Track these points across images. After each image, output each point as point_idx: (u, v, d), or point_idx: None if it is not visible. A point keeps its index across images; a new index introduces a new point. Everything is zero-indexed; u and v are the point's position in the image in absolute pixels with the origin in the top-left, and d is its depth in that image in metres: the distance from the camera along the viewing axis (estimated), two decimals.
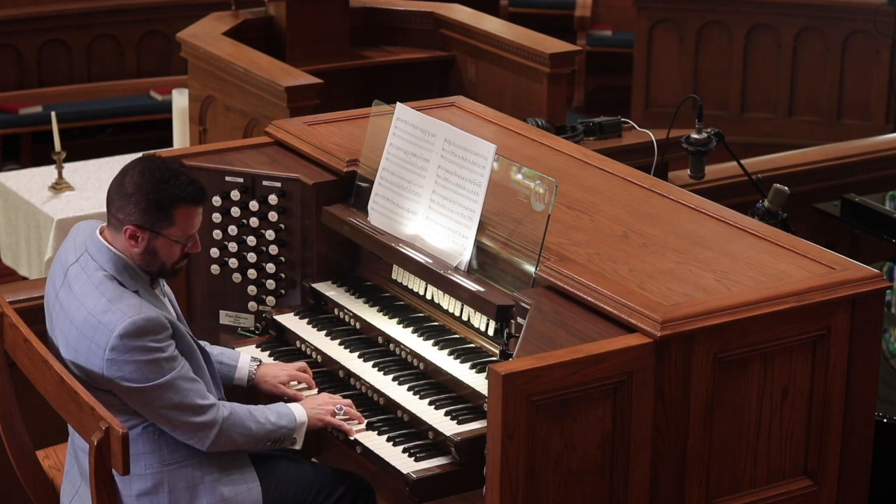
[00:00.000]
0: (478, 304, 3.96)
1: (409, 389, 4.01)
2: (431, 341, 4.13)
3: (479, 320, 4.08)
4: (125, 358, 3.65)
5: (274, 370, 4.17)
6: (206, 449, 3.78)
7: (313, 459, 4.27)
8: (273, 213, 4.55)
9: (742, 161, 5.37)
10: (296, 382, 4.16)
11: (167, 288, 3.98)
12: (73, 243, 3.85)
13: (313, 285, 4.51)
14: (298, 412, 3.93)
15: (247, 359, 4.18)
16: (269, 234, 4.56)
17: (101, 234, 3.81)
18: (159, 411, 3.71)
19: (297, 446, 3.94)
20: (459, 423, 3.84)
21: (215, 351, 4.13)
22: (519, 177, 3.99)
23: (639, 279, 3.74)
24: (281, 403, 3.97)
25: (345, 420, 3.96)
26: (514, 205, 3.99)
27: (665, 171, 5.68)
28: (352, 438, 3.93)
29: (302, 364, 4.20)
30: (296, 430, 3.91)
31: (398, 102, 4.40)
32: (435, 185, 4.18)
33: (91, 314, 3.68)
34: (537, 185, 3.92)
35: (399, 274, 4.37)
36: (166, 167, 3.76)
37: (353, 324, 4.36)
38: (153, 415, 3.73)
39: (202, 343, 3.97)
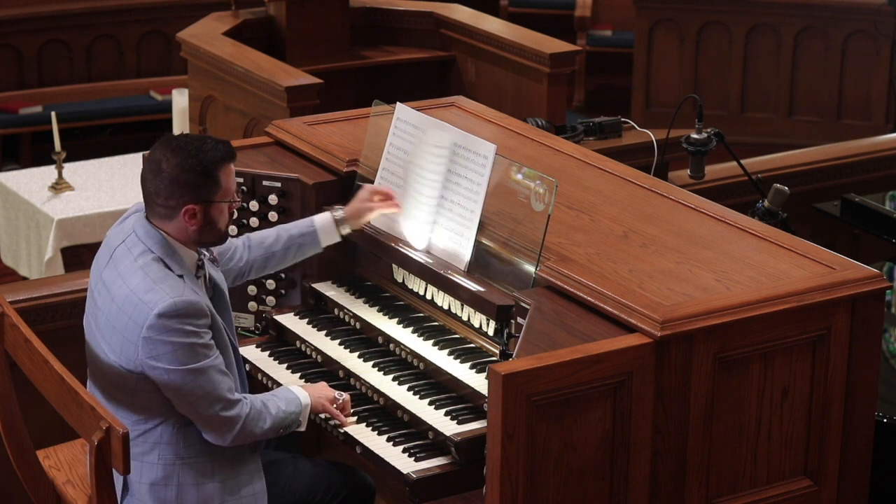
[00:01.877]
0: (478, 304, 3.96)
1: (409, 389, 4.01)
2: (431, 341, 4.13)
3: (479, 320, 4.08)
4: (162, 338, 3.66)
5: (357, 202, 4.30)
6: (228, 444, 3.79)
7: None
8: (273, 213, 4.55)
9: (742, 161, 5.37)
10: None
11: (219, 275, 4.00)
12: (121, 228, 3.88)
13: (313, 285, 4.51)
14: (302, 395, 3.94)
15: (324, 215, 4.31)
16: None
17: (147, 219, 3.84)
18: (188, 398, 3.71)
19: (302, 428, 3.95)
20: (459, 423, 3.84)
21: (290, 231, 4.27)
22: (519, 177, 3.99)
23: (639, 279, 3.73)
24: (285, 388, 3.98)
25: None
26: (514, 205, 3.99)
27: (665, 171, 5.68)
28: (343, 430, 3.94)
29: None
30: (301, 412, 3.93)
31: (398, 102, 4.40)
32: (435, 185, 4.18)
33: (133, 292, 3.71)
34: (537, 185, 3.92)
35: (399, 274, 4.37)
36: (190, 138, 3.81)
37: (353, 324, 4.36)
38: (182, 401, 3.73)
39: (235, 341, 3.98)
